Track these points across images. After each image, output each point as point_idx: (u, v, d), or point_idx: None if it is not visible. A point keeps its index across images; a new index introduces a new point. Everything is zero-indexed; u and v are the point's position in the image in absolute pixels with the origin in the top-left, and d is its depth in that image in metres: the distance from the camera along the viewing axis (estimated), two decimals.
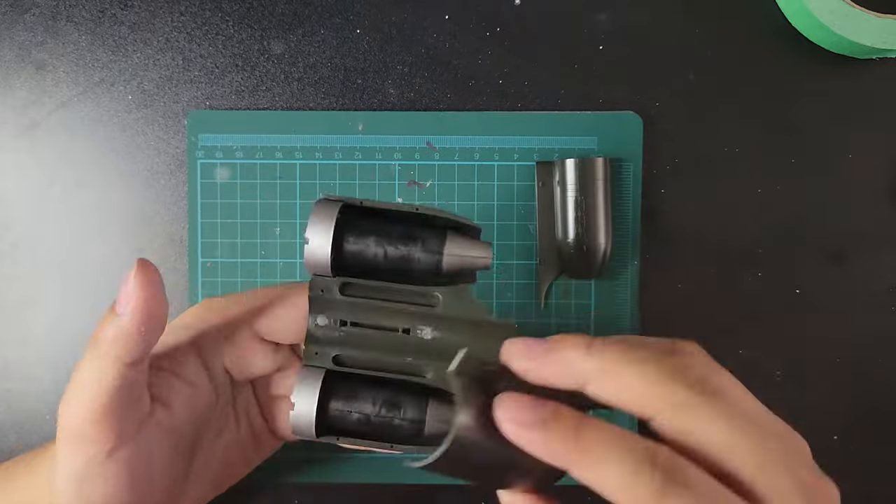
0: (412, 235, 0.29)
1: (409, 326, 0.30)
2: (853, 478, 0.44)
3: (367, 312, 0.30)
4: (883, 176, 0.43)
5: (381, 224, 0.30)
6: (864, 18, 0.40)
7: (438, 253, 0.29)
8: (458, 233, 0.30)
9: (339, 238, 0.29)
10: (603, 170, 0.41)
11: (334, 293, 0.30)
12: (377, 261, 0.29)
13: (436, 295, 0.30)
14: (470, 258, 0.29)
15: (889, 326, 0.44)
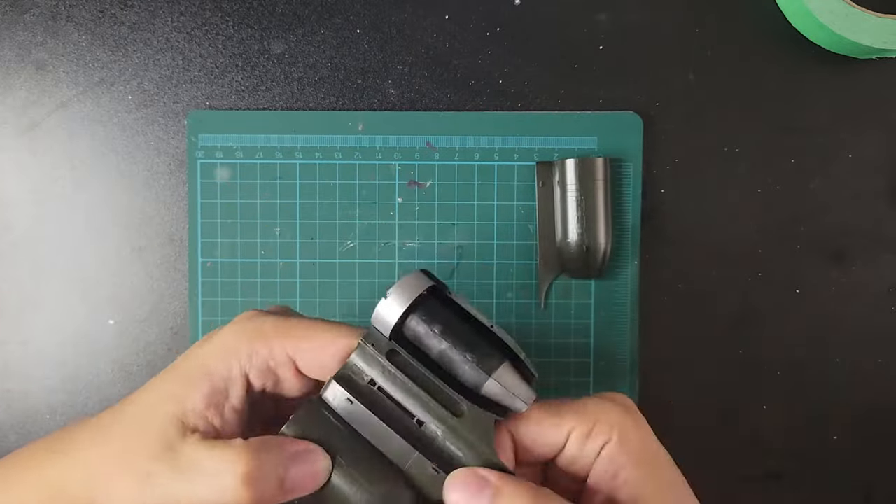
0: (474, 346, 0.30)
1: (424, 420, 0.31)
2: (853, 478, 0.44)
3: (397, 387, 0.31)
4: (883, 176, 0.43)
5: (456, 321, 0.31)
6: (863, 18, 0.40)
7: (487, 374, 0.30)
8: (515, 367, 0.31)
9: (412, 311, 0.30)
10: (603, 170, 0.41)
11: (381, 355, 0.31)
12: (430, 349, 0.31)
13: (463, 409, 0.30)
14: (511, 396, 0.30)
15: (889, 326, 0.44)
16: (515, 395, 0.30)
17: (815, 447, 0.44)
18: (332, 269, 0.43)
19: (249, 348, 0.32)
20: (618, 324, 0.43)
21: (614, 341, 0.43)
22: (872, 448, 0.44)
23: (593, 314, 0.43)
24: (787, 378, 0.44)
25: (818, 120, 0.43)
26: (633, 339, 0.43)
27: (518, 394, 0.30)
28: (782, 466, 0.44)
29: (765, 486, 0.44)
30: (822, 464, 0.44)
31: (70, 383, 0.44)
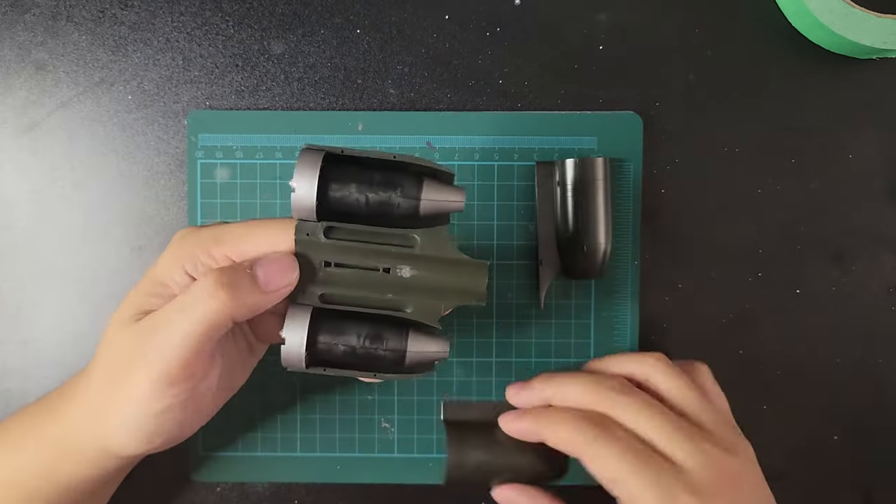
0: (391, 182, 0.32)
1: (389, 266, 0.33)
2: (853, 478, 0.44)
3: (349, 254, 0.33)
4: (883, 176, 0.43)
5: (363, 171, 0.32)
6: (864, 18, 0.40)
7: (416, 198, 0.32)
8: (434, 179, 0.33)
9: (323, 185, 0.32)
10: (603, 170, 0.41)
11: (319, 236, 0.32)
12: (359, 206, 0.32)
13: (414, 237, 0.33)
14: (445, 202, 0.32)
15: (889, 326, 0.44)
16: (448, 199, 0.32)
17: (815, 447, 0.44)
18: None
19: (191, 257, 0.33)
20: (618, 324, 0.43)
21: (614, 341, 0.43)
22: (872, 448, 0.44)
23: (593, 314, 0.43)
24: (787, 378, 0.44)
25: (818, 120, 0.43)
26: (633, 339, 0.43)
27: (450, 198, 0.32)
28: (782, 466, 0.44)
29: None
30: (822, 464, 0.44)
31: None
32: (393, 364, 0.33)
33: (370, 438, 0.43)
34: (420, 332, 0.33)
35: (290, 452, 0.43)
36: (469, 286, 0.33)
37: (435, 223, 0.33)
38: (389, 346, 0.33)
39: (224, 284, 0.31)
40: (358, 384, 0.43)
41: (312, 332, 0.32)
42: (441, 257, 0.33)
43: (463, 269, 0.33)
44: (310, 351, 0.32)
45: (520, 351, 0.43)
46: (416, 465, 0.43)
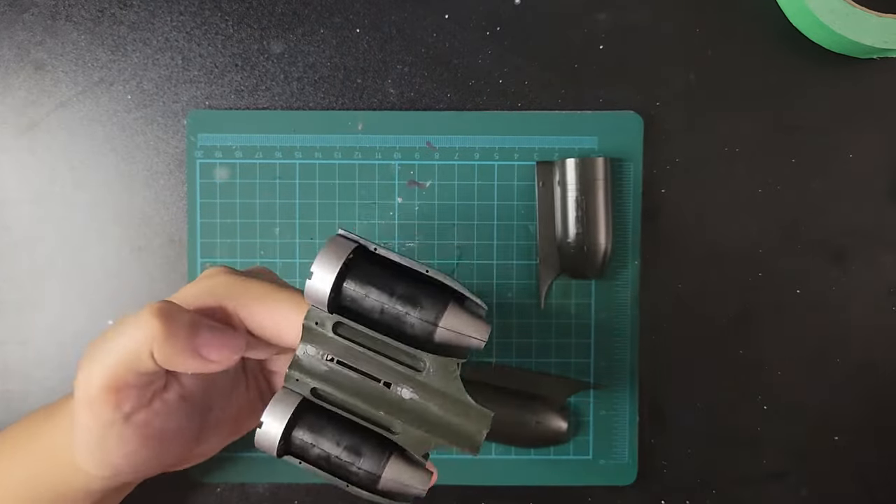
0: (413, 298, 0.29)
1: (390, 382, 0.30)
2: (853, 478, 0.44)
3: (354, 357, 0.30)
4: (883, 176, 0.43)
5: (387, 277, 0.30)
6: (864, 18, 0.40)
7: (433, 324, 0.29)
8: (461, 306, 0.30)
9: (342, 278, 0.29)
10: (603, 170, 0.41)
11: (327, 330, 0.30)
12: (373, 313, 0.30)
13: (423, 361, 0.30)
14: (464, 336, 0.29)
15: (889, 326, 0.44)
16: (468, 334, 0.29)
17: (815, 447, 0.44)
18: None
19: (200, 303, 0.32)
20: (618, 324, 0.43)
21: (614, 341, 0.43)
22: (872, 448, 0.44)
23: (593, 314, 0.43)
24: (787, 378, 0.44)
25: (818, 120, 0.43)
26: (633, 339, 0.43)
27: (470, 332, 0.29)
28: (782, 466, 0.44)
29: (765, 486, 0.44)
30: (822, 464, 0.44)
31: (69, 384, 0.44)
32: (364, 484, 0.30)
33: None
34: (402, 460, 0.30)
35: None
36: (466, 432, 0.30)
37: (449, 354, 0.30)
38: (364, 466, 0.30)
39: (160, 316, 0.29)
40: None
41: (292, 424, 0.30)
42: (445, 392, 0.30)
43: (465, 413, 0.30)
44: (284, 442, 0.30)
45: (520, 351, 0.43)
46: None
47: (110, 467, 0.32)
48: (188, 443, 0.35)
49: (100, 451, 0.32)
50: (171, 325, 0.29)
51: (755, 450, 0.44)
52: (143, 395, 0.31)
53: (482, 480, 0.43)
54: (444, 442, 0.30)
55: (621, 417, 0.43)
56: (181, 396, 0.33)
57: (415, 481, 0.30)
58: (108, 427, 0.31)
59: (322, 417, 0.31)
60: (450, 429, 0.30)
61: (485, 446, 0.43)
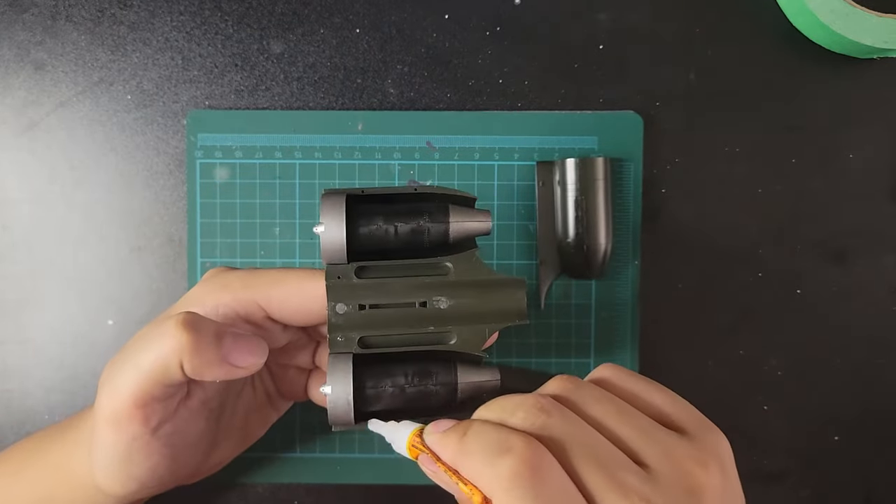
0: (418, 210, 0.32)
1: (425, 299, 0.32)
2: (853, 478, 0.44)
3: (384, 293, 0.32)
4: (883, 176, 0.43)
5: (387, 205, 0.32)
6: (864, 18, 0.40)
7: (445, 222, 0.32)
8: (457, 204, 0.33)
9: (351, 224, 0.31)
10: (603, 170, 0.41)
11: (351, 278, 0.31)
12: (388, 238, 0.32)
13: (446, 264, 0.32)
14: (472, 223, 0.32)
15: (889, 326, 0.44)
16: (476, 220, 0.32)
17: (815, 447, 0.44)
18: None
19: (215, 299, 0.32)
20: (618, 324, 0.43)
21: (614, 341, 0.43)
22: (872, 448, 0.44)
23: (593, 314, 0.43)
24: (787, 378, 0.44)
25: (818, 120, 0.43)
26: (633, 339, 0.43)
27: (477, 218, 0.32)
28: (782, 466, 0.44)
29: (765, 486, 0.44)
30: (822, 464, 0.44)
31: (69, 383, 0.44)
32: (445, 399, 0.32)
33: (370, 438, 0.43)
34: (467, 364, 0.32)
35: (290, 452, 0.43)
36: (509, 305, 0.32)
37: (464, 248, 0.32)
38: (439, 380, 0.31)
39: (188, 327, 0.29)
40: None
41: (358, 379, 0.31)
42: (476, 280, 0.32)
43: (500, 288, 0.32)
44: (357, 400, 0.31)
45: (520, 351, 0.43)
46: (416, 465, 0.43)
47: (135, 482, 0.33)
48: (206, 450, 0.35)
49: (125, 468, 0.32)
50: (199, 336, 0.30)
51: (755, 450, 0.44)
52: (169, 406, 0.32)
53: None
54: (496, 325, 0.32)
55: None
56: (202, 402, 0.33)
57: (487, 376, 0.32)
58: (134, 442, 0.31)
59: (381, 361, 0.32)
60: (495, 311, 0.32)
61: None
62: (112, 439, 0.31)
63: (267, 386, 0.38)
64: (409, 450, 0.29)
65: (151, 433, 0.31)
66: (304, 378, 0.38)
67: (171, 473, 0.33)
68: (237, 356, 0.30)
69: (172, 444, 0.32)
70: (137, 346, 0.30)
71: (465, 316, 0.32)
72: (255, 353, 0.31)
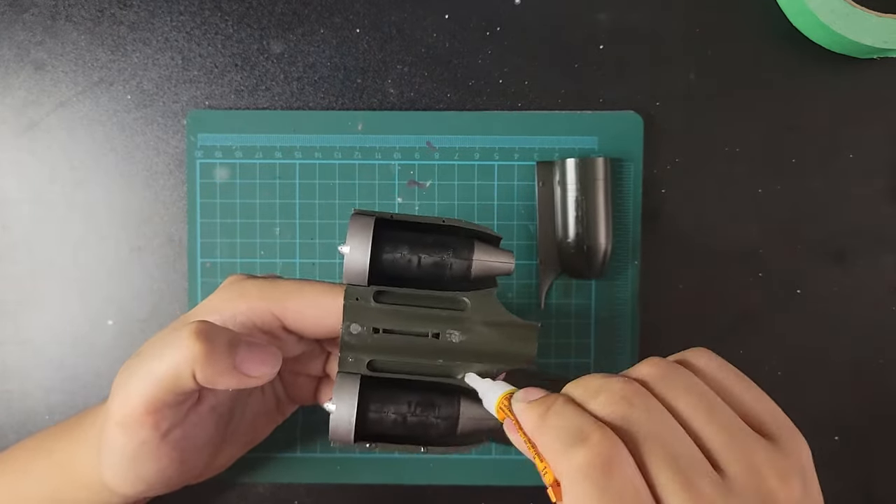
0: (443, 243, 0.32)
1: (438, 331, 0.32)
2: (853, 478, 0.44)
3: (399, 319, 0.32)
4: (883, 176, 0.43)
5: (414, 234, 0.32)
6: (864, 18, 0.40)
7: (468, 259, 0.32)
8: (482, 241, 0.33)
9: (376, 249, 0.32)
10: (603, 170, 0.41)
11: (369, 301, 0.32)
12: (411, 268, 0.32)
13: (464, 300, 0.32)
14: (496, 263, 0.32)
15: (889, 326, 0.44)
16: (499, 261, 0.32)
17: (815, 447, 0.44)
18: (332, 270, 0.43)
19: (232, 308, 0.33)
20: (618, 324, 0.43)
21: (614, 341, 0.43)
22: (872, 448, 0.44)
23: (593, 314, 0.43)
24: (787, 378, 0.44)
25: (818, 120, 0.43)
26: (633, 339, 0.43)
27: (500, 259, 0.32)
28: None
29: None
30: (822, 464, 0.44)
31: (69, 383, 0.44)
32: (445, 432, 0.32)
33: None
34: (472, 400, 0.32)
35: (290, 452, 0.43)
36: (520, 349, 0.32)
37: (484, 286, 0.33)
38: (441, 413, 0.32)
39: (201, 337, 0.30)
40: None
41: (363, 401, 0.31)
42: (491, 321, 0.32)
43: (513, 332, 0.32)
44: (359, 421, 0.31)
45: None
46: (417, 465, 0.43)
47: (143, 483, 0.33)
48: (213, 452, 0.36)
49: (133, 470, 0.32)
50: (212, 346, 0.30)
51: None
52: (179, 411, 0.32)
53: (482, 480, 0.43)
54: (504, 365, 0.32)
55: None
56: (211, 408, 0.34)
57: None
58: (143, 446, 0.32)
59: (387, 386, 0.32)
60: (504, 352, 0.32)
61: (485, 446, 0.43)
62: (122, 442, 0.31)
63: (277, 391, 0.38)
64: (497, 411, 0.29)
65: (161, 438, 0.32)
66: (314, 384, 0.39)
67: (179, 475, 0.34)
68: (250, 366, 0.31)
69: (181, 447, 0.33)
70: (152, 352, 0.31)
71: (475, 353, 0.32)
72: (268, 364, 0.31)
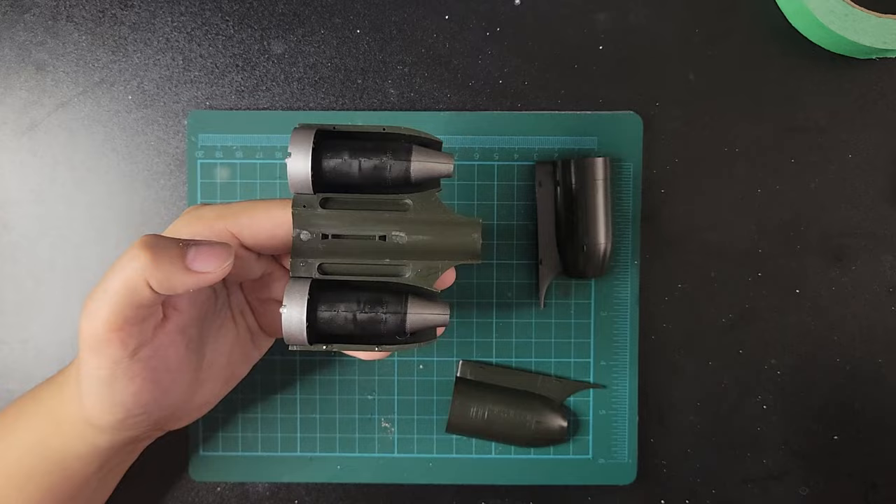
0: (382, 148, 0.33)
1: (385, 233, 0.33)
2: (853, 478, 0.44)
3: (346, 223, 0.33)
4: (883, 176, 0.43)
5: (354, 141, 0.33)
6: (863, 18, 0.40)
7: (406, 160, 0.33)
8: (422, 145, 0.34)
9: (317, 157, 0.33)
10: (603, 170, 0.41)
11: (316, 208, 0.33)
12: (352, 173, 0.33)
13: (406, 202, 0.34)
14: (434, 164, 0.33)
15: (889, 326, 0.44)
16: (438, 162, 0.33)
17: (815, 447, 0.44)
18: None
19: (190, 230, 0.34)
20: (618, 324, 0.43)
21: (614, 341, 0.43)
22: (872, 448, 0.44)
23: (593, 314, 0.43)
24: (787, 378, 0.44)
25: (818, 120, 0.43)
26: (633, 339, 0.43)
27: (439, 160, 0.33)
28: (782, 466, 0.44)
29: (765, 486, 0.44)
30: (822, 464, 0.44)
31: None
32: (395, 329, 0.33)
33: (370, 438, 0.43)
34: (419, 297, 0.34)
35: (290, 452, 0.43)
36: (464, 244, 0.33)
37: (426, 187, 0.34)
38: (390, 308, 0.33)
39: (147, 246, 0.31)
40: (358, 384, 0.43)
41: (312, 302, 0.33)
42: (434, 219, 0.33)
43: (456, 228, 0.33)
44: (310, 321, 0.32)
45: (520, 351, 0.43)
46: (416, 465, 0.43)
47: (120, 408, 0.34)
48: (190, 381, 0.36)
49: (109, 393, 0.33)
50: (161, 251, 0.31)
51: (755, 450, 0.44)
52: (144, 329, 0.33)
53: (482, 480, 0.43)
54: (449, 261, 0.34)
55: (621, 417, 0.43)
56: (179, 328, 0.35)
57: (437, 310, 0.33)
58: (115, 366, 0.32)
59: (336, 287, 0.33)
60: (449, 249, 0.34)
61: (485, 446, 0.43)
62: (94, 364, 0.32)
63: (248, 321, 0.39)
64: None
65: (130, 356, 0.32)
66: None
67: (155, 400, 0.34)
68: (201, 263, 0.31)
69: (153, 367, 0.34)
70: (107, 274, 0.32)
71: (420, 251, 0.33)
72: (220, 256, 0.32)
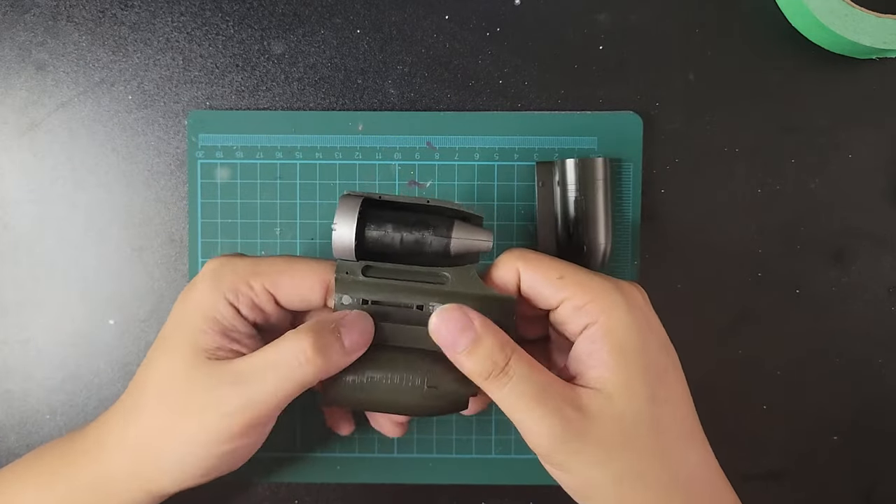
0: (425, 223, 0.35)
1: (422, 303, 0.35)
2: (853, 478, 0.44)
3: (385, 292, 0.35)
4: (883, 176, 0.43)
5: (398, 214, 0.35)
6: (863, 18, 0.40)
7: (447, 237, 0.35)
8: (464, 221, 0.35)
9: (361, 226, 0.35)
10: (603, 170, 0.41)
11: (357, 275, 0.35)
12: (394, 245, 0.35)
13: (444, 275, 0.35)
14: (474, 241, 0.35)
15: (889, 326, 0.44)
16: (477, 238, 0.35)
17: (815, 447, 0.44)
18: None
19: (232, 288, 0.34)
20: None
21: None
22: (872, 448, 0.44)
23: None
24: (787, 378, 0.44)
25: (818, 120, 0.43)
26: None
27: (478, 237, 0.35)
28: (782, 466, 0.44)
29: (765, 486, 0.44)
30: (822, 464, 0.44)
31: (70, 383, 0.44)
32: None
33: (370, 438, 0.43)
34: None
35: (290, 452, 0.43)
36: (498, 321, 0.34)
37: (464, 262, 0.35)
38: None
39: (319, 350, 0.32)
40: None
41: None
42: (470, 293, 0.34)
43: (492, 304, 0.34)
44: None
45: None
46: (416, 465, 0.43)
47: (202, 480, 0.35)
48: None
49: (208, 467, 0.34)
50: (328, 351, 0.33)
51: (755, 450, 0.44)
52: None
53: (481, 480, 0.43)
54: None
55: None
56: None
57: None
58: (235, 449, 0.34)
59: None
60: None
61: (485, 445, 0.43)
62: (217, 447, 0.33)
63: None
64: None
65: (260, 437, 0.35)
66: None
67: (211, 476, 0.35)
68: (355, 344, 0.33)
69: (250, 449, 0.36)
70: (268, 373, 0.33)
71: None
72: (366, 333, 0.34)
